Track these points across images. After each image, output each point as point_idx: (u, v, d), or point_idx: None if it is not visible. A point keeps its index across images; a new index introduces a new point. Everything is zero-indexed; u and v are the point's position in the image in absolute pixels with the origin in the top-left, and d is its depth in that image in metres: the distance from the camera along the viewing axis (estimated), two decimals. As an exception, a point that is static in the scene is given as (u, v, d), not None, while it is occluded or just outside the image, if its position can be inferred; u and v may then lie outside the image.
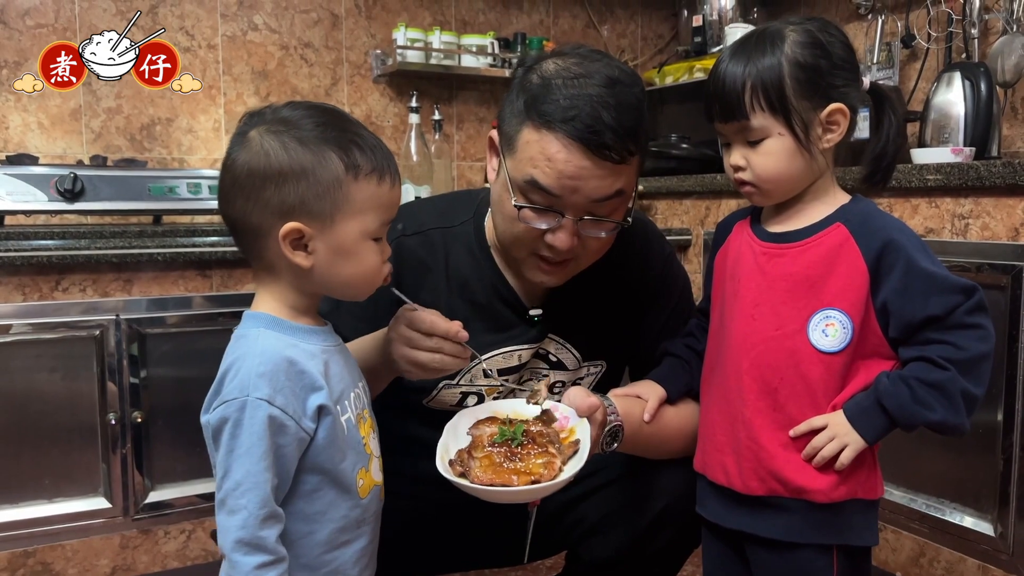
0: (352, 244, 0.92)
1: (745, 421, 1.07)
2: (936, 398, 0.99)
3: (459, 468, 0.99)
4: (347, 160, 0.90)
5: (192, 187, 1.99)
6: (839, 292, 1.03)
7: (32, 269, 1.67)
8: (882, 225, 1.03)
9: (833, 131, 1.04)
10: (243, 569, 0.86)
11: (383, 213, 0.94)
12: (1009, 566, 1.55)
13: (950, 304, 0.99)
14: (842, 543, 1.06)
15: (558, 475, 0.97)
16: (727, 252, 1.16)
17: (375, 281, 0.97)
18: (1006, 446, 1.54)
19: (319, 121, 0.92)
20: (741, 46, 1.06)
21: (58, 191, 1.86)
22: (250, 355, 0.89)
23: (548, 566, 1.98)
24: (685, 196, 2.30)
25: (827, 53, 1.03)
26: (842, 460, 1.02)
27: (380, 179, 0.93)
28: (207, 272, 1.81)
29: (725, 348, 1.11)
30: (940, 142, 2.03)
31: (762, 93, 1.02)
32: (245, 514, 0.85)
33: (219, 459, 0.88)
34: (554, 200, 1.08)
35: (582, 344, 1.26)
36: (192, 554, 1.85)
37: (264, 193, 0.89)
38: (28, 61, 2.23)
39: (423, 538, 1.31)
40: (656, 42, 3.12)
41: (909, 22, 2.38)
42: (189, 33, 2.41)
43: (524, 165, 1.08)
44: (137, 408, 1.75)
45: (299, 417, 0.89)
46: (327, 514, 0.94)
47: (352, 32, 2.63)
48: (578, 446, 1.02)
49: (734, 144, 1.07)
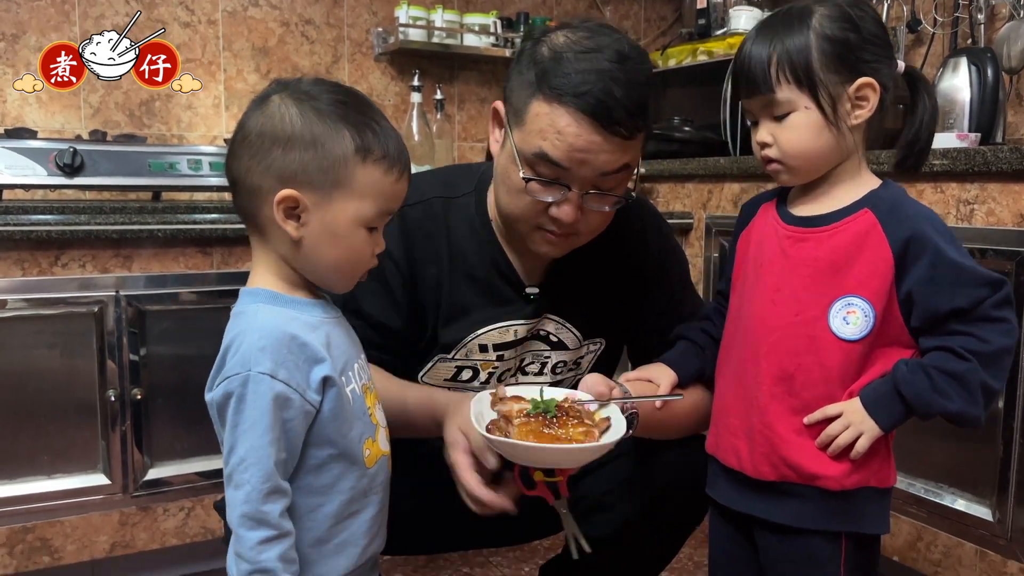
0: (345, 226, 0.91)
1: (760, 406, 1.06)
2: (955, 388, 0.98)
3: (498, 433, 0.98)
4: (359, 141, 0.89)
5: (193, 163, 1.98)
6: (863, 279, 1.01)
7: (31, 244, 1.65)
8: (911, 214, 1.02)
9: (863, 107, 1.02)
10: (246, 544, 0.86)
11: (383, 203, 0.92)
12: (1007, 551, 1.55)
13: (977, 297, 0.98)
14: (852, 530, 1.05)
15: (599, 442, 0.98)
16: (751, 234, 1.15)
17: (358, 271, 0.95)
18: (1006, 432, 1.54)
19: (341, 100, 0.91)
20: (768, 22, 1.05)
21: (57, 165, 1.84)
22: (250, 330, 0.89)
23: (547, 547, 1.99)
24: (687, 179, 2.29)
25: (856, 27, 1.01)
26: (857, 448, 1.01)
27: (388, 168, 0.91)
28: (207, 249, 1.80)
29: (743, 331, 1.10)
30: (945, 127, 2.02)
31: (788, 65, 1.00)
32: (248, 488, 0.86)
33: (224, 435, 0.88)
34: (562, 173, 1.08)
35: (581, 322, 1.26)
36: (191, 531, 1.85)
37: (270, 155, 0.88)
38: (26, 34, 2.20)
39: (423, 515, 1.31)
40: (659, 24, 3.10)
41: (915, 7, 2.36)
42: (189, 8, 2.39)
43: (533, 137, 1.07)
44: (136, 385, 1.74)
45: (303, 390, 0.89)
46: (336, 486, 0.93)
47: (354, 9, 2.60)
48: (609, 422, 1.02)
49: (761, 120, 1.06)
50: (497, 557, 2.03)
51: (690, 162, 2.26)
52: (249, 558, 0.86)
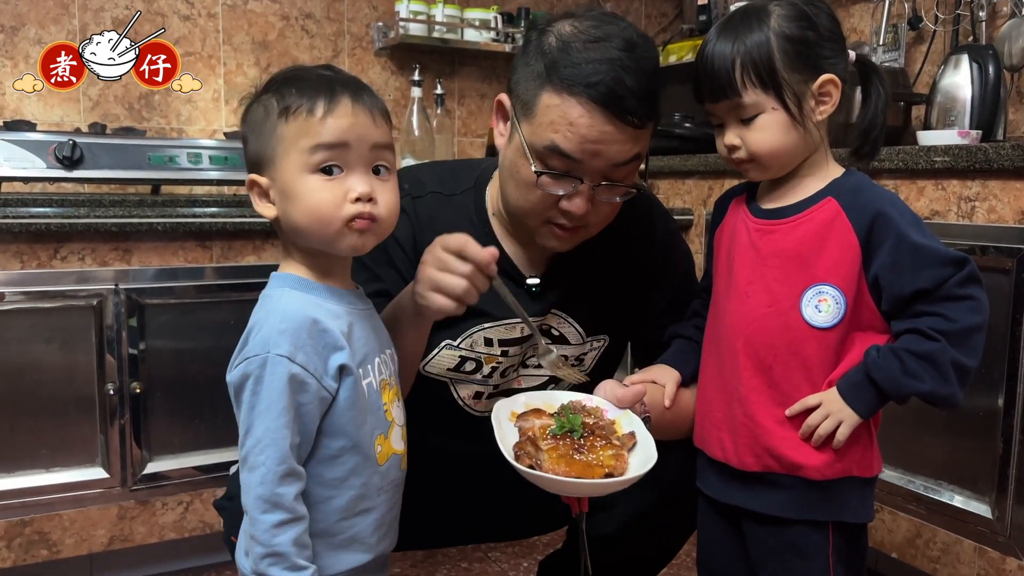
0: (292, 182, 0.90)
1: (741, 398, 1.08)
2: (925, 369, 0.99)
3: (527, 460, 0.97)
4: (280, 103, 0.91)
5: (192, 157, 1.97)
6: (831, 267, 1.02)
7: (30, 237, 1.65)
8: (873, 198, 1.03)
9: (826, 103, 1.04)
10: (261, 527, 0.86)
11: (313, 140, 0.88)
12: (1005, 548, 1.55)
13: (940, 277, 0.99)
14: (836, 520, 1.07)
15: (627, 469, 0.97)
16: (723, 230, 1.16)
17: (335, 218, 0.89)
18: (1006, 429, 1.54)
19: (278, 78, 0.94)
20: (726, 24, 1.06)
21: (57, 158, 1.83)
22: (273, 313, 0.90)
23: (545, 542, 1.99)
24: (688, 176, 2.29)
25: (814, 25, 1.02)
26: (839, 437, 1.02)
27: (310, 112, 0.89)
28: (207, 243, 1.79)
29: (721, 326, 1.12)
30: (946, 124, 2.02)
31: (752, 69, 1.01)
32: (263, 470, 0.85)
33: (241, 416, 0.88)
34: (573, 165, 1.07)
35: (585, 318, 1.26)
36: (189, 525, 1.84)
37: (245, 155, 0.95)
38: (25, 27, 2.20)
39: (423, 510, 1.31)
40: (660, 20, 3.10)
41: (916, 4, 2.36)
42: (189, 1, 2.38)
43: (544, 130, 1.06)
44: (135, 379, 1.74)
45: (320, 375, 0.89)
46: (347, 480, 0.93)
47: (354, 3, 2.60)
48: (634, 437, 1.02)
49: (727, 123, 1.07)
50: (496, 552, 2.03)
51: (691, 158, 2.26)
52: (263, 541, 0.86)
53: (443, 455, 1.23)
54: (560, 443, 0.99)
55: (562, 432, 1.00)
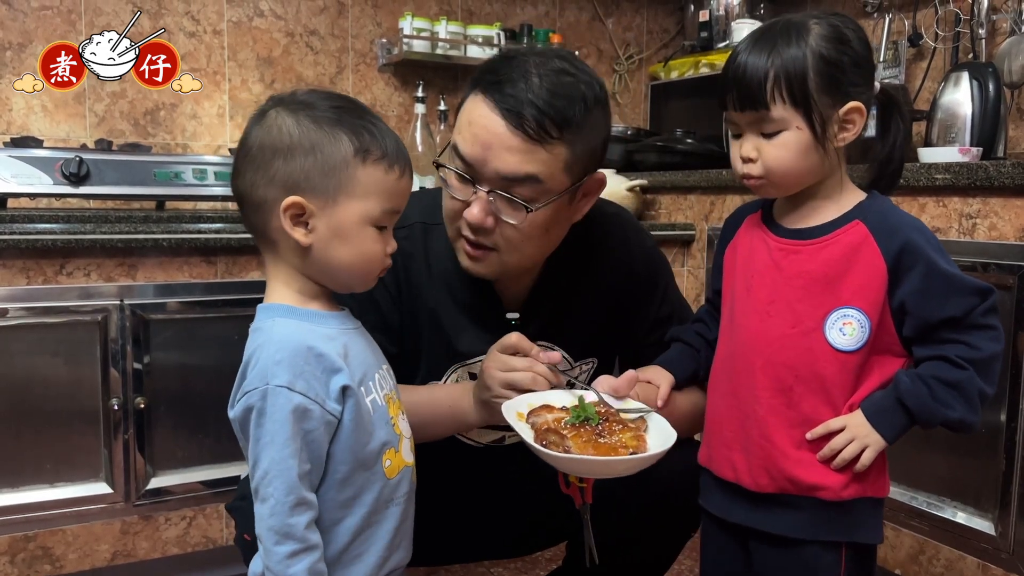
0: (352, 226, 0.91)
1: (758, 419, 1.07)
2: (955, 397, 0.99)
3: (556, 448, 0.98)
4: (357, 143, 0.90)
5: (198, 173, 1.98)
6: (857, 290, 1.02)
7: (36, 253, 1.66)
8: (900, 224, 1.03)
9: (848, 130, 1.03)
10: (275, 558, 0.86)
11: (388, 201, 0.93)
12: (1009, 565, 1.55)
13: (968, 305, 0.99)
14: (851, 540, 1.06)
15: (648, 448, 0.99)
16: (737, 247, 1.15)
17: (373, 269, 0.96)
18: (1009, 446, 1.54)
19: (335, 105, 0.93)
20: (764, 35, 1.04)
21: (63, 174, 1.85)
22: (267, 345, 0.89)
23: (548, 558, 1.99)
24: (689, 191, 2.30)
25: (850, 49, 1.02)
26: (863, 461, 1.02)
27: (389, 167, 0.92)
28: (212, 259, 1.80)
29: (736, 345, 1.11)
30: (947, 142, 2.03)
31: (785, 84, 1.00)
32: (273, 502, 0.86)
33: (248, 449, 0.89)
34: (469, 169, 1.09)
35: (571, 344, 1.26)
36: (193, 541, 1.84)
37: (272, 166, 0.90)
38: (32, 43, 2.21)
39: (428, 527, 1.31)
40: (662, 36, 3.12)
41: (916, 21, 2.37)
42: (195, 18, 2.40)
43: (455, 133, 1.12)
44: (140, 394, 1.74)
45: (322, 400, 0.89)
46: (359, 499, 0.94)
47: (358, 20, 2.62)
48: (645, 421, 1.04)
49: (746, 134, 1.05)
50: (498, 568, 2.03)
51: (692, 174, 2.27)
52: (278, 572, 0.86)
53: (445, 474, 1.23)
54: (582, 430, 1.00)
55: (579, 421, 1.02)
